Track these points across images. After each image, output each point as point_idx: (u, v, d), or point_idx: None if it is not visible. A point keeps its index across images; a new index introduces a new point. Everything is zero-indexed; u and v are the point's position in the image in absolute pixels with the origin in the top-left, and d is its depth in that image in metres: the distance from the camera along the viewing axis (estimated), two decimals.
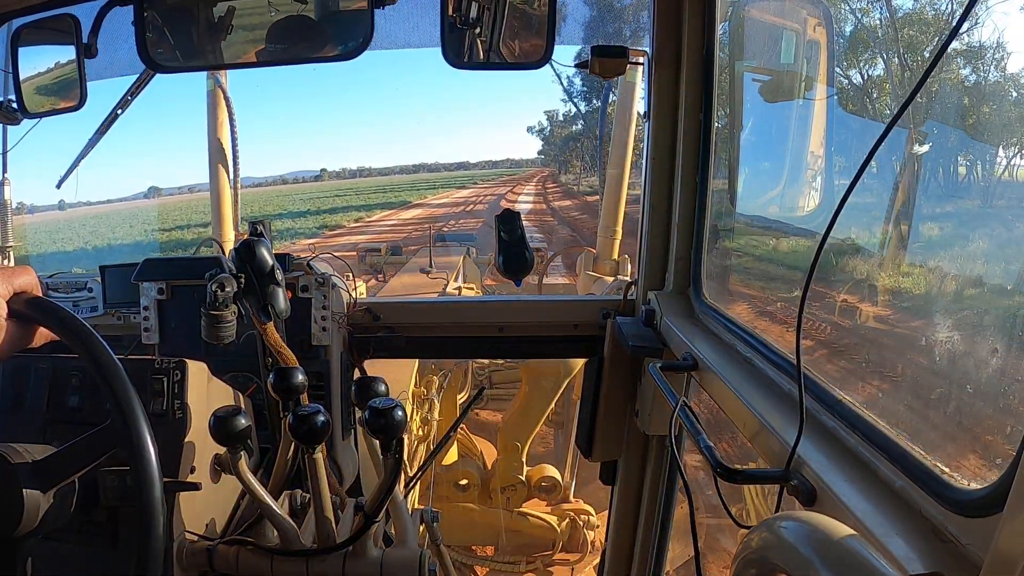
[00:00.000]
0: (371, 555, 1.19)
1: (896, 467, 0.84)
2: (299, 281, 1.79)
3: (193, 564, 1.19)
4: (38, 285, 0.94)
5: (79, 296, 2.09)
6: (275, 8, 1.56)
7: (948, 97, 1.85)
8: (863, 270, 2.31)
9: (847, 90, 2.28)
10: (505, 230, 1.67)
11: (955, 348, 1.60)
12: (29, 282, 0.93)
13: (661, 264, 1.82)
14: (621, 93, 4.67)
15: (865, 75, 2.07)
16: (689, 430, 1.21)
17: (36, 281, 0.94)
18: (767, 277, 3.02)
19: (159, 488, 0.91)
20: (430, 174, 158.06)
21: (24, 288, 0.92)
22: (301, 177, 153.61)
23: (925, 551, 0.72)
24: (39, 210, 54.25)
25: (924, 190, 2.02)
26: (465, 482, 4.67)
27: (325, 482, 1.18)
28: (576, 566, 4.69)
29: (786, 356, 1.21)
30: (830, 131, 2.02)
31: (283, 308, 1.24)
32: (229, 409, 1.12)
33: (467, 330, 2.01)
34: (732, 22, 2.03)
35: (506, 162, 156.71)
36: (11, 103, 1.67)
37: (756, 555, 0.78)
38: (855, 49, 2.23)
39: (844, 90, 2.19)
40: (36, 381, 1.28)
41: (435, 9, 1.50)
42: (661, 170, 1.77)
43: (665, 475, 1.98)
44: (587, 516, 4.72)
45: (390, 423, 1.08)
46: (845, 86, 2.24)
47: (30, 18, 1.60)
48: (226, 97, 4.39)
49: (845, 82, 2.19)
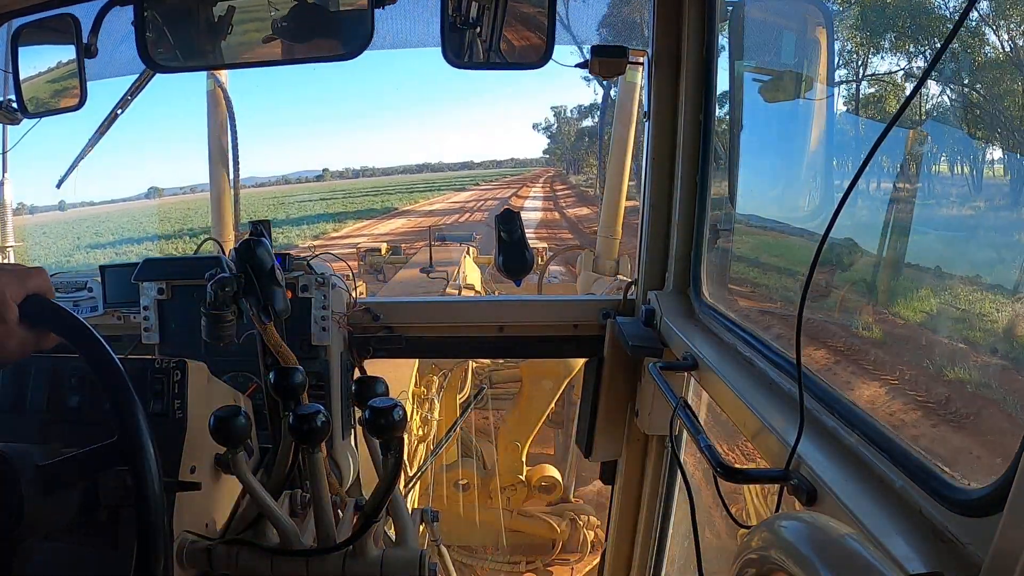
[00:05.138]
0: (371, 555, 1.19)
1: (896, 467, 0.84)
2: (299, 281, 1.79)
3: (193, 564, 1.19)
4: (51, 288, 0.92)
5: (79, 296, 2.09)
6: (275, 8, 1.56)
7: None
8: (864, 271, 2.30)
9: (847, 90, 2.29)
10: (505, 230, 1.67)
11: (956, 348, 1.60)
12: (42, 285, 0.90)
13: (661, 264, 1.82)
14: (621, 93, 4.68)
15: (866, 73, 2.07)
16: (689, 430, 1.21)
17: (49, 284, 0.91)
18: (767, 277, 3.01)
19: (159, 488, 0.91)
20: (433, 174, 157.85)
21: (37, 291, 0.89)
22: (304, 177, 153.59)
23: (925, 551, 0.71)
24: (39, 210, 54.17)
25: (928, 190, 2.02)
26: (465, 482, 4.67)
27: (325, 482, 1.18)
28: (576, 566, 4.69)
29: (786, 356, 1.21)
30: (830, 131, 2.02)
31: (283, 308, 1.24)
32: (229, 409, 1.12)
33: (467, 330, 2.01)
34: (732, 22, 2.03)
35: (510, 161, 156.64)
36: (11, 103, 1.67)
37: (756, 555, 0.78)
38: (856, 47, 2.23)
39: (844, 90, 2.19)
40: (36, 381, 1.28)
41: (435, 9, 1.50)
42: (661, 170, 1.77)
43: (665, 475, 1.98)
44: (587, 516, 4.72)
45: (390, 423, 1.08)
46: (845, 86, 2.24)
47: (30, 18, 1.60)
48: (226, 97, 4.39)
49: (844, 82, 2.19)
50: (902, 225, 2.03)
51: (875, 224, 2.03)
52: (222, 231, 4.63)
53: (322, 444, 1.14)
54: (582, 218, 28.70)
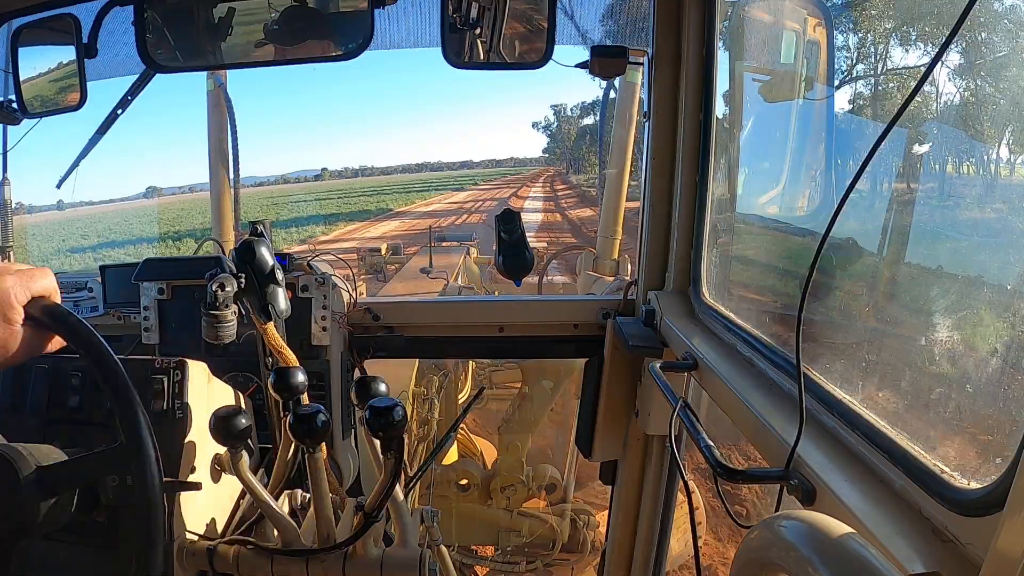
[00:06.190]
0: (371, 555, 1.19)
1: (896, 467, 0.84)
2: (299, 281, 1.79)
3: (193, 564, 1.19)
4: (57, 290, 0.91)
5: (79, 296, 2.09)
6: (275, 8, 1.56)
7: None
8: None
9: (847, 89, 2.28)
10: (505, 230, 1.67)
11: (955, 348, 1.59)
12: (48, 286, 0.89)
13: (661, 264, 1.82)
14: (621, 93, 4.67)
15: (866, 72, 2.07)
16: (689, 430, 1.21)
17: (55, 285, 0.90)
18: (767, 277, 3.01)
19: (159, 488, 0.91)
20: (432, 173, 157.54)
21: (43, 293, 0.89)
22: (303, 176, 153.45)
23: (925, 551, 0.72)
24: (37, 210, 53.92)
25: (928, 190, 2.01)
26: (465, 482, 4.66)
27: (325, 482, 1.18)
28: (576, 566, 4.68)
29: (786, 356, 1.21)
30: (830, 131, 2.02)
31: (283, 308, 1.24)
32: (229, 409, 1.12)
33: (467, 330, 2.01)
34: (732, 22, 2.03)
35: (510, 160, 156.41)
36: (11, 103, 1.68)
37: (756, 554, 0.78)
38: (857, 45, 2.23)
39: (844, 89, 2.19)
40: (36, 381, 1.27)
41: (435, 9, 1.50)
42: (661, 170, 1.77)
43: (665, 475, 1.98)
44: (587, 516, 4.72)
45: (390, 423, 1.08)
46: (846, 85, 2.23)
47: (30, 18, 1.60)
48: (226, 97, 4.39)
49: (845, 81, 2.18)
50: (904, 226, 2.02)
51: (878, 224, 2.02)
52: (222, 231, 4.63)
53: (322, 444, 1.14)
54: (585, 220, 27.06)
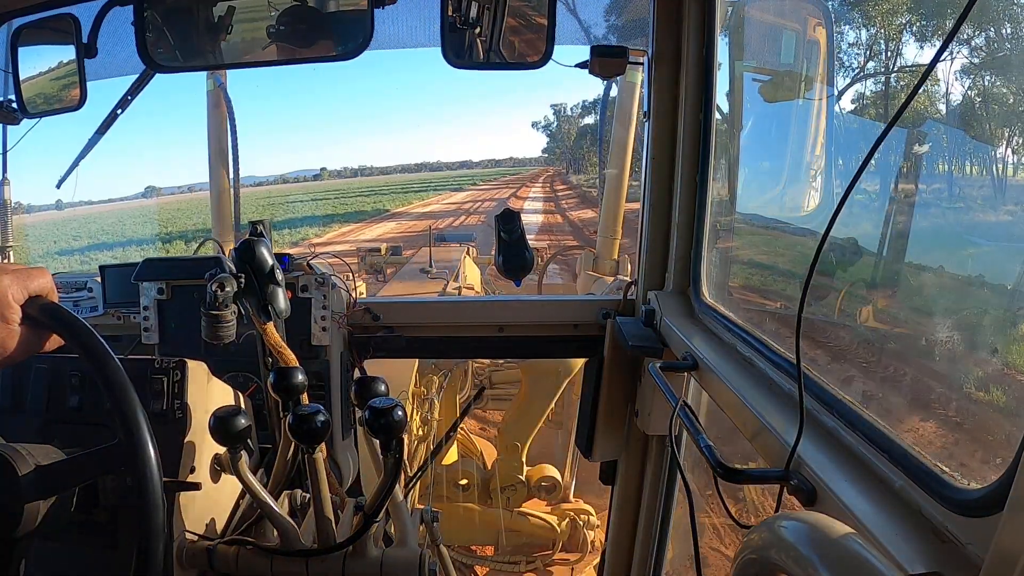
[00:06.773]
0: (371, 555, 1.19)
1: (896, 467, 0.84)
2: (299, 281, 1.79)
3: (193, 564, 1.19)
4: (54, 289, 0.91)
5: (79, 296, 2.09)
6: (275, 8, 1.56)
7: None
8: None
9: (847, 89, 2.28)
10: (505, 230, 1.67)
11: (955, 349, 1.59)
12: (45, 286, 0.90)
13: (661, 264, 1.82)
14: (621, 93, 4.67)
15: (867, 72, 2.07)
16: (689, 430, 1.21)
17: (52, 285, 0.91)
18: (767, 277, 3.01)
19: (159, 488, 0.91)
20: (431, 173, 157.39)
21: (40, 292, 0.89)
22: (302, 176, 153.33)
23: (925, 551, 0.72)
24: (36, 210, 53.77)
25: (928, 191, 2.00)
26: (465, 482, 4.66)
27: (325, 482, 1.18)
28: (576, 566, 4.68)
29: (786, 356, 1.21)
30: (830, 131, 2.02)
31: (283, 308, 1.24)
32: (229, 409, 1.12)
33: (467, 330, 2.01)
34: (732, 22, 2.03)
35: (509, 160, 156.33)
36: (11, 103, 1.68)
37: (756, 555, 0.78)
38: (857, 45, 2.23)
39: (845, 89, 2.19)
40: (36, 381, 1.28)
41: (435, 9, 1.50)
42: (661, 170, 1.77)
43: (665, 475, 1.98)
44: (587, 516, 4.72)
45: (390, 423, 1.08)
46: (844, 85, 2.23)
47: (30, 18, 1.60)
48: (226, 97, 4.39)
49: (846, 81, 2.18)
50: (903, 226, 2.02)
51: (879, 224, 2.01)
52: (222, 231, 4.62)
53: (322, 444, 1.14)
54: (587, 222, 26.09)
